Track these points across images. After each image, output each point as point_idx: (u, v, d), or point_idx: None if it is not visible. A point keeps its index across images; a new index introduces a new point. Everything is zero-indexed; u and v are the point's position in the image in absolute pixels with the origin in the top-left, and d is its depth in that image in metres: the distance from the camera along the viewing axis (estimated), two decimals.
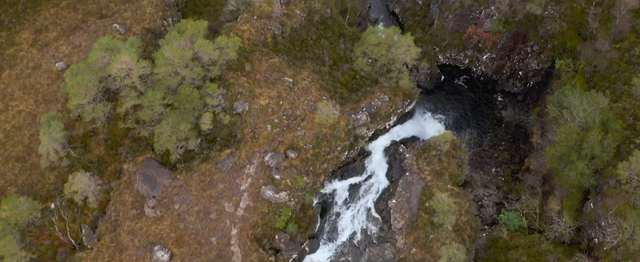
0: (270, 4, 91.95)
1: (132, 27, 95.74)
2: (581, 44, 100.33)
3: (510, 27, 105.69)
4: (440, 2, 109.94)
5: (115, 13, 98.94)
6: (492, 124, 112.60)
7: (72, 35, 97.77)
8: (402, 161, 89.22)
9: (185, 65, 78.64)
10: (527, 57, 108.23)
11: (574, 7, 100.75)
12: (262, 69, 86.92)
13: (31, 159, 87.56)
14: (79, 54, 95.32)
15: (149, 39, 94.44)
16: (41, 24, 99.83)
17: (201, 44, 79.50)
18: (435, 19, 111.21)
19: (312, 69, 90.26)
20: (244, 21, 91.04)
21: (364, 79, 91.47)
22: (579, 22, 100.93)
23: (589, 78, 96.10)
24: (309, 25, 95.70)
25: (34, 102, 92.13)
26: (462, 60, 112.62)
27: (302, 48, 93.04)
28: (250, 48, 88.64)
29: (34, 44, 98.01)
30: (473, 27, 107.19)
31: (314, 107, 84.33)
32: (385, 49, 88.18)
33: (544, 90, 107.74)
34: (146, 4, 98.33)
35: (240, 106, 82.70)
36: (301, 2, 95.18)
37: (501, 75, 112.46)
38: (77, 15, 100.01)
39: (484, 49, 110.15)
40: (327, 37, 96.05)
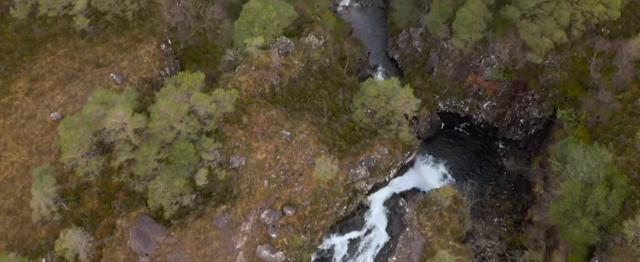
0: (269, 54, 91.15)
1: (129, 77, 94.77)
2: (583, 93, 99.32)
3: (511, 76, 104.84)
4: (439, 50, 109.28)
5: (112, 62, 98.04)
6: (493, 172, 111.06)
7: (68, 85, 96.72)
8: (402, 216, 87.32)
9: (181, 119, 77.36)
10: (528, 105, 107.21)
11: (575, 57, 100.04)
12: (259, 122, 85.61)
13: (23, 213, 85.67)
14: (75, 103, 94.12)
15: (146, 89, 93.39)
16: (37, 72, 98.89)
17: (198, 97, 78.39)
18: (435, 67, 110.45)
19: (311, 120, 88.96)
20: (241, 72, 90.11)
21: (363, 131, 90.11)
22: (580, 71, 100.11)
23: (591, 129, 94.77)
24: (307, 75, 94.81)
25: (27, 153, 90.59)
26: (463, 108, 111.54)
27: (301, 99, 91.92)
28: (248, 100, 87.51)
29: (30, 92, 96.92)
30: (473, 75, 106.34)
31: (311, 162, 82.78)
32: (384, 101, 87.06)
33: (546, 138, 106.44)
34: (143, 53, 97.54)
35: (236, 161, 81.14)
36: (300, 52, 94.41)
37: (502, 123, 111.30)
38: (73, 64, 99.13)
39: (484, 97, 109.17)
40: (326, 87, 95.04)
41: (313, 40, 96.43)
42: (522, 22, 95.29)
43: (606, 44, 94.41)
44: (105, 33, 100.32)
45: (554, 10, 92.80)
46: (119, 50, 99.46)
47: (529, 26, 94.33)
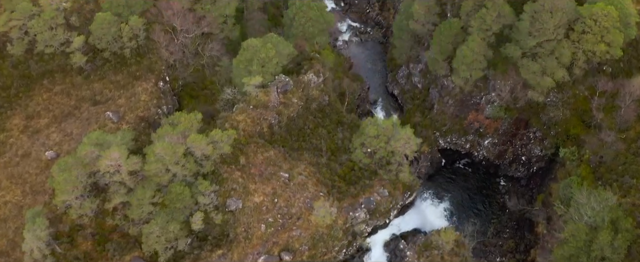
0: (267, 93, 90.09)
1: (126, 115, 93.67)
2: (585, 131, 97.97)
3: (512, 113, 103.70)
4: (440, 86, 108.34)
5: (109, 100, 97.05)
6: (495, 210, 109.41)
7: (64, 122, 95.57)
8: (402, 259, 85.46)
9: (177, 161, 75.95)
10: (530, 143, 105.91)
11: (577, 95, 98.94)
12: (257, 162, 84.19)
13: (15, 254, 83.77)
14: (70, 142, 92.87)
15: (142, 128, 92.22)
16: (33, 109, 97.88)
17: (194, 139, 77.08)
18: (435, 104, 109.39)
19: (309, 161, 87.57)
20: (239, 111, 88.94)
21: (362, 171, 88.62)
22: (582, 109, 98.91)
23: (594, 168, 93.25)
24: (306, 113, 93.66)
25: (21, 193, 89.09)
26: (463, 145, 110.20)
27: (299, 138, 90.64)
28: (246, 140, 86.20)
29: (25, 130, 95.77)
30: (474, 113, 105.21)
31: (310, 205, 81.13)
32: (384, 141, 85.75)
33: (548, 175, 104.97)
34: (141, 91, 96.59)
35: (233, 204, 79.52)
36: (298, 90, 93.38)
37: (503, 160, 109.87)
38: (70, 101, 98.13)
39: (485, 134, 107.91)
40: (325, 126, 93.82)
41: (312, 78, 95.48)
42: (523, 60, 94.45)
43: (608, 83, 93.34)
44: (102, 70, 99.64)
45: (555, 49, 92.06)
46: (116, 87, 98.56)
47: (530, 65, 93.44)
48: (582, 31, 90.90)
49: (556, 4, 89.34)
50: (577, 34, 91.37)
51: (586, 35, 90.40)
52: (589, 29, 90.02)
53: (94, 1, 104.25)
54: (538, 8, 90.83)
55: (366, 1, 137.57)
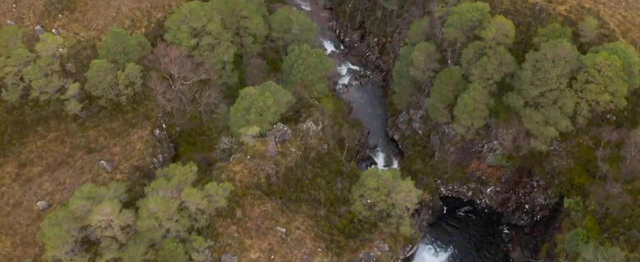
0: (265, 142, 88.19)
1: (120, 165, 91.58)
2: (590, 181, 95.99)
3: (515, 162, 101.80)
4: (440, 133, 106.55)
5: (104, 148, 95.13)
6: (499, 259, 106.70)
7: (57, 171, 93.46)
8: None
9: (170, 217, 73.60)
10: (533, 191, 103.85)
11: (581, 144, 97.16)
12: (254, 216, 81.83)
13: None
14: (63, 192, 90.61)
15: (137, 177, 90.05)
16: (26, 157, 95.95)
17: (189, 193, 74.92)
18: (436, 151, 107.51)
19: (307, 213, 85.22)
20: (236, 161, 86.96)
21: (362, 224, 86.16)
22: (586, 158, 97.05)
23: (600, 220, 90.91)
24: (304, 163, 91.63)
25: (10, 244, 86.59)
26: (465, 193, 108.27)
27: (297, 189, 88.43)
28: (242, 192, 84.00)
29: (17, 178, 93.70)
30: (476, 161, 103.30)
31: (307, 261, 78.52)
32: (384, 194, 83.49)
33: (552, 224, 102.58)
34: (136, 139, 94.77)
35: (228, 260, 76.82)
36: (297, 139, 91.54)
37: (506, 208, 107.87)
38: (64, 149, 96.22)
39: (487, 182, 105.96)
40: (324, 176, 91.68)
41: (311, 127, 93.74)
42: (525, 110, 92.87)
43: (613, 133, 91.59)
44: (98, 117, 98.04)
45: (557, 98, 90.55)
46: (112, 135, 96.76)
47: (532, 115, 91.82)
48: (586, 81, 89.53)
49: (558, 53, 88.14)
50: (580, 84, 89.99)
51: (590, 85, 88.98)
52: (593, 79, 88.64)
53: (91, 47, 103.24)
54: (540, 57, 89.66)
55: (366, 44, 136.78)
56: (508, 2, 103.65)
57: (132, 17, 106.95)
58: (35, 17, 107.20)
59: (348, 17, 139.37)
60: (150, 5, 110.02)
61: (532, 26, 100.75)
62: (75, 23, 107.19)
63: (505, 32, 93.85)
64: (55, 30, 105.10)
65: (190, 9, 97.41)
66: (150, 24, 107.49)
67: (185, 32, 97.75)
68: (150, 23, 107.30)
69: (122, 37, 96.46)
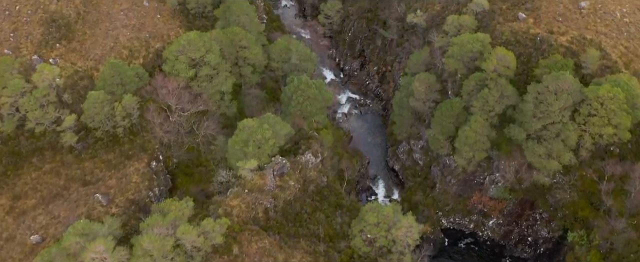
0: (263, 176, 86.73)
1: (116, 198, 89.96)
2: (594, 214, 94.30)
3: (517, 194, 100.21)
4: (441, 165, 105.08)
5: (100, 180, 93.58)
6: None
7: (51, 204, 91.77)
8: None
9: (165, 255, 71.81)
10: (536, 224, 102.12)
11: (584, 176, 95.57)
12: (251, 252, 79.97)
13: None
14: (57, 226, 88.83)
15: (132, 211, 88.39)
16: (21, 189, 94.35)
17: (184, 230, 73.25)
18: (437, 182, 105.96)
19: (306, 249, 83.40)
20: (234, 196, 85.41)
21: (362, 259, 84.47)
22: (590, 191, 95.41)
23: (605, 255, 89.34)
24: (303, 196, 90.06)
25: None
26: (467, 225, 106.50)
27: (296, 223, 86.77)
28: (240, 227, 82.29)
29: (11, 211, 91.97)
30: (478, 194, 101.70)
31: None
32: (385, 230, 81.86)
33: (556, 257, 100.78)
34: (132, 171, 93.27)
35: None
36: (296, 172, 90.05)
37: (509, 241, 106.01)
38: (59, 181, 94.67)
39: (489, 215, 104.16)
40: (323, 210, 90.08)
41: (310, 159, 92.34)
42: (527, 143, 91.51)
43: (616, 166, 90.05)
44: (94, 148, 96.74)
45: (560, 131, 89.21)
46: (108, 167, 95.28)
47: (535, 148, 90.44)
48: (589, 113, 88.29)
49: (561, 85, 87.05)
50: (583, 117, 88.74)
51: (593, 118, 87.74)
52: (596, 112, 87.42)
53: (89, 77, 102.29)
54: (542, 89, 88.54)
55: (366, 73, 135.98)
56: (509, 32, 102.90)
57: (131, 47, 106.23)
58: (33, 47, 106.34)
59: (348, 45, 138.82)
60: (148, 35, 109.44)
61: (533, 57, 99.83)
62: (73, 53, 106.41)
63: (506, 64, 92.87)
64: (53, 60, 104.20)
65: (188, 40, 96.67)
66: (149, 54, 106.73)
67: (184, 63, 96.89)
68: (148, 53, 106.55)
69: (120, 68, 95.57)
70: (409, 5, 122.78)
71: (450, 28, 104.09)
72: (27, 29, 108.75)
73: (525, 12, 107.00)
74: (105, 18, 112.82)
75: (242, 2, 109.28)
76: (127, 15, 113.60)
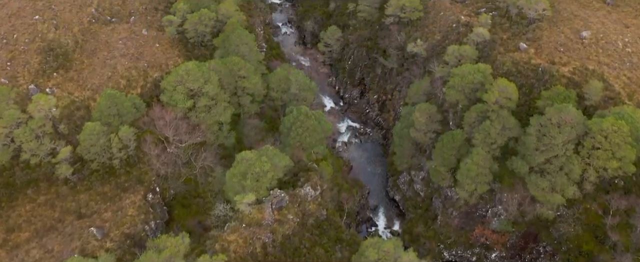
0: (261, 210, 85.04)
1: (111, 232, 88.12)
2: (599, 248, 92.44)
3: (520, 227, 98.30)
4: (443, 197, 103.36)
5: (95, 213, 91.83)
6: None
7: (45, 237, 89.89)
8: None
9: None
10: (540, 257, 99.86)
11: (588, 209, 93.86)
12: None
13: None
14: (50, 260, 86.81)
15: (127, 246, 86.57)
16: (15, 221, 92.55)
17: None
18: (439, 214, 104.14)
19: None
20: (231, 230, 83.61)
21: None
22: (594, 224, 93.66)
23: None
24: (302, 230, 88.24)
25: None
26: (469, 258, 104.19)
27: (295, 259, 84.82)
28: None
29: (4, 244, 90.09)
30: (480, 227, 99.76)
31: None
32: None
33: None
34: (128, 204, 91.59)
35: None
36: (294, 206, 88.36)
37: None
38: (53, 214, 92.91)
39: (492, 248, 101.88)
40: (323, 244, 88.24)
41: (309, 192, 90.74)
42: (530, 176, 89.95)
43: (622, 200, 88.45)
44: (89, 180, 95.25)
45: (564, 165, 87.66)
46: (103, 199, 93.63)
47: (538, 181, 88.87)
48: (593, 147, 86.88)
49: (564, 118, 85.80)
50: (587, 150, 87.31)
51: (597, 152, 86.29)
52: (600, 145, 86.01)
53: (85, 107, 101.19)
54: (545, 122, 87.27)
55: (366, 101, 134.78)
56: (510, 63, 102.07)
57: (128, 77, 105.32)
58: (30, 76, 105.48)
59: (348, 73, 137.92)
60: (147, 64, 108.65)
61: (535, 88, 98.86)
62: (70, 82, 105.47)
63: (508, 95, 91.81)
64: (50, 89, 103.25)
65: (186, 70, 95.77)
66: (147, 84, 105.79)
67: (182, 93, 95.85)
68: (146, 83, 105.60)
69: (116, 99, 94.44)
70: (409, 34, 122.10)
71: (451, 58, 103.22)
72: (25, 57, 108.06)
73: (526, 42, 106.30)
74: (104, 47, 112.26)
75: (241, 32, 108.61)
76: (126, 44, 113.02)
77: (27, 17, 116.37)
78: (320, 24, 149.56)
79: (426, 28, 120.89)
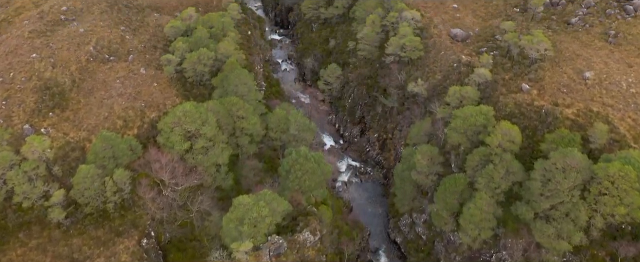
0: (258, 257, 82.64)
1: None
2: None
3: None
4: (445, 241, 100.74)
5: (87, 258, 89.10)
6: None
7: None
8: None
9: None
10: None
11: (596, 256, 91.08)
12: None
13: None
14: None
15: None
16: None
17: None
18: (441, 259, 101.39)
19: None
20: None
21: None
22: None
23: None
24: None
25: None
26: None
27: None
28: None
29: None
30: None
31: None
32: None
33: None
34: (122, 249, 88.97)
35: None
36: (293, 252, 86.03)
37: None
38: (45, 259, 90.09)
39: None
40: None
41: (308, 237, 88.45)
42: (536, 222, 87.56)
43: (630, 247, 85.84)
44: (82, 224, 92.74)
45: (570, 211, 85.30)
46: (97, 244, 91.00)
47: (543, 228, 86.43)
48: (599, 193, 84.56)
49: (569, 162, 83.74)
50: (593, 196, 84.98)
51: (604, 198, 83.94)
52: (607, 191, 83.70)
53: (80, 148, 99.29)
54: (549, 166, 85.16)
55: (366, 139, 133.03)
56: (513, 104, 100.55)
57: (125, 117, 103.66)
58: (25, 116, 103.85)
59: (348, 111, 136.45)
60: (144, 104, 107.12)
61: (538, 130, 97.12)
62: (66, 122, 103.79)
63: (511, 139, 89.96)
64: (44, 129, 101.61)
65: (184, 111, 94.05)
66: (144, 124, 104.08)
67: (179, 135, 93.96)
68: (143, 123, 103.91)
69: (112, 141, 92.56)
70: (409, 73, 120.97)
71: (453, 99, 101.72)
72: (20, 96, 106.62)
73: (529, 82, 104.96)
74: (101, 86, 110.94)
75: (240, 71, 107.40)
76: (123, 83, 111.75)
77: (24, 55, 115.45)
78: (320, 61, 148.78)
79: (427, 67, 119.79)
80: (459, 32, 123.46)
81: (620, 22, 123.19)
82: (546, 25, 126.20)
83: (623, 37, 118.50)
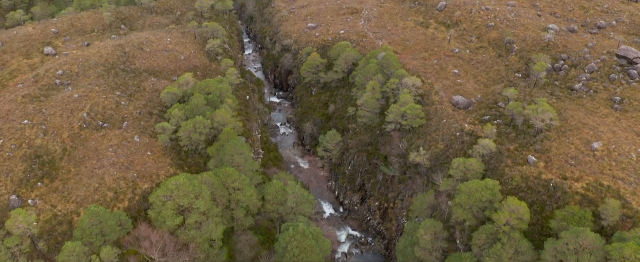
0: None
1: None
2: None
3: None
4: None
5: None
6: None
7: None
8: None
9: None
10: None
11: None
12: None
13: None
14: None
15: None
16: None
17: None
18: None
19: None
20: None
21: None
22: None
23: None
24: None
25: None
26: None
27: None
28: None
29: None
30: None
31: None
32: None
33: None
34: None
35: None
36: None
37: None
38: None
39: None
40: None
41: None
42: None
43: None
44: None
45: None
46: None
47: None
48: None
49: (582, 243, 79.16)
50: None
51: None
52: None
53: (68, 222, 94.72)
54: (561, 247, 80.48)
55: (367, 208, 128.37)
56: (519, 178, 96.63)
57: (116, 189, 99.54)
58: (13, 186, 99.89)
59: (348, 179, 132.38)
60: (136, 174, 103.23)
61: (547, 206, 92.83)
62: (55, 193, 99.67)
63: (519, 216, 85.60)
64: (32, 201, 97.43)
65: (177, 185, 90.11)
66: (135, 197, 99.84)
67: (171, 209, 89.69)
68: (134, 196, 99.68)
69: (100, 217, 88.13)
70: (411, 141, 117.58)
71: (456, 172, 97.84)
72: (9, 165, 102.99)
73: (535, 154, 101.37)
74: (93, 155, 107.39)
75: (236, 141, 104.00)
76: (116, 152, 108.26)
77: (16, 121, 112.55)
78: (319, 126, 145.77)
79: (429, 136, 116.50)
80: (461, 99, 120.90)
81: (625, 87, 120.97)
82: (549, 91, 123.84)
83: (629, 103, 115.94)
